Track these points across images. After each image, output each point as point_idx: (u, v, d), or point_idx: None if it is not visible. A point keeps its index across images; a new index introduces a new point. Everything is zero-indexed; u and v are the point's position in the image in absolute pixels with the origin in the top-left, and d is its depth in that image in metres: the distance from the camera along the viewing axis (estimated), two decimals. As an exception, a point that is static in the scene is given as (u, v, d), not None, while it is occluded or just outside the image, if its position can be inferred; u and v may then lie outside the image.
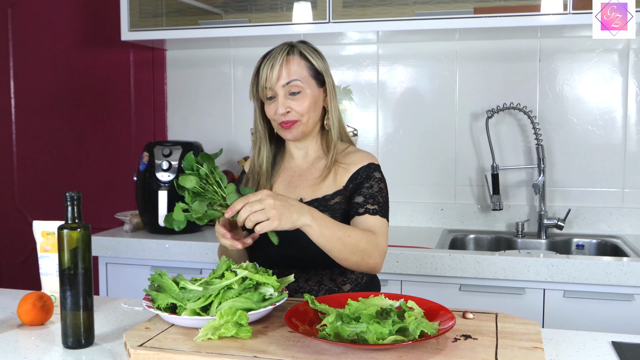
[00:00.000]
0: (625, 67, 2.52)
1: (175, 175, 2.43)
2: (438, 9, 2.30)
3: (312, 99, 1.57)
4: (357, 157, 1.61)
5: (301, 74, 1.56)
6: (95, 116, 3.10)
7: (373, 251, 1.47)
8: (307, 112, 1.57)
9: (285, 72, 1.55)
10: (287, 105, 1.55)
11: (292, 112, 1.55)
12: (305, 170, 1.64)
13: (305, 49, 1.60)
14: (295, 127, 1.57)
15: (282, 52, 1.57)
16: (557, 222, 2.50)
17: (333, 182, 1.59)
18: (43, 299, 1.40)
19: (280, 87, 1.55)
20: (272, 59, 1.56)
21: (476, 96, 2.66)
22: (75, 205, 1.27)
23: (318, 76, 1.60)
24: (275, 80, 1.55)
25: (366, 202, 1.54)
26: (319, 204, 1.56)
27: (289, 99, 1.55)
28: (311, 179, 1.62)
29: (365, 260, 1.46)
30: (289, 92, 1.55)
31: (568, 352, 1.22)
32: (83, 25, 3.08)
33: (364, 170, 1.59)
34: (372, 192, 1.55)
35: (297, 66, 1.57)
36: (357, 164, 1.60)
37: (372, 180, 1.57)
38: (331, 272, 1.57)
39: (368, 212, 1.52)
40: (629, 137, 2.54)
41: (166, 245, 2.35)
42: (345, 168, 1.60)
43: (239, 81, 2.93)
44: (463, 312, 1.36)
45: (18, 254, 3.24)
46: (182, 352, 1.14)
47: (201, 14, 2.56)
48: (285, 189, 1.63)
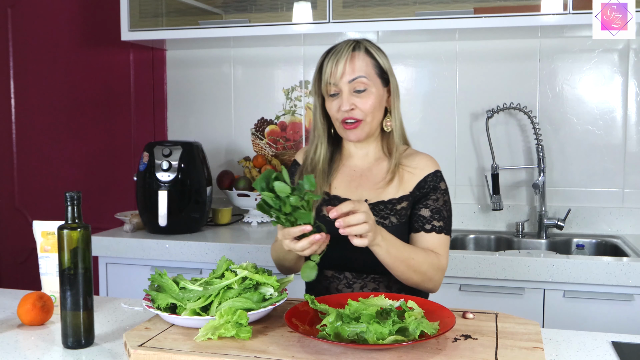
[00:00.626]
0: (625, 67, 2.52)
1: (175, 176, 2.43)
2: (438, 9, 2.30)
3: (377, 98, 1.53)
4: (422, 162, 1.57)
5: (367, 71, 1.52)
6: (95, 116, 3.10)
7: (434, 274, 1.47)
8: (371, 112, 1.52)
9: (350, 68, 1.50)
10: (352, 102, 1.50)
11: (356, 110, 1.51)
12: (366, 171, 1.60)
13: (371, 46, 1.55)
14: (360, 128, 1.53)
15: (348, 47, 1.52)
16: (557, 222, 2.50)
17: (399, 185, 1.55)
18: (43, 299, 1.40)
19: (345, 84, 1.50)
20: (338, 54, 1.51)
21: (476, 96, 2.66)
22: (75, 205, 1.27)
23: (383, 75, 1.55)
24: (340, 75, 1.50)
25: (433, 217, 1.51)
26: (385, 207, 1.53)
27: (354, 96, 1.51)
28: (374, 181, 1.58)
29: (426, 282, 1.47)
30: (354, 90, 1.51)
31: (568, 352, 1.22)
32: (83, 26, 3.08)
33: (432, 179, 1.55)
34: (438, 207, 1.53)
35: (363, 63, 1.52)
36: (424, 170, 1.56)
37: (438, 192, 1.54)
38: (388, 280, 1.54)
39: (435, 230, 1.51)
40: (629, 137, 2.54)
41: (166, 245, 2.35)
42: (411, 172, 1.55)
43: (239, 81, 2.93)
44: (463, 312, 1.36)
45: (18, 254, 3.24)
46: (182, 352, 1.14)
47: (201, 14, 2.56)
48: (345, 188, 1.59)
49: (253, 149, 2.93)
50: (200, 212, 2.52)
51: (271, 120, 2.90)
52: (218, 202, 2.88)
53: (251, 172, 2.75)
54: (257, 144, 2.93)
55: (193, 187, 2.47)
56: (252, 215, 2.73)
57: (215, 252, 2.30)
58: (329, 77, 1.52)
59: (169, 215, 2.43)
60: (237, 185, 2.67)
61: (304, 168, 1.63)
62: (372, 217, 1.31)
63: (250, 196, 2.64)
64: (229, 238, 2.41)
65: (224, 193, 2.77)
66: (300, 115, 2.86)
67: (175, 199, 2.44)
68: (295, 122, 2.87)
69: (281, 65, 2.87)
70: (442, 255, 1.50)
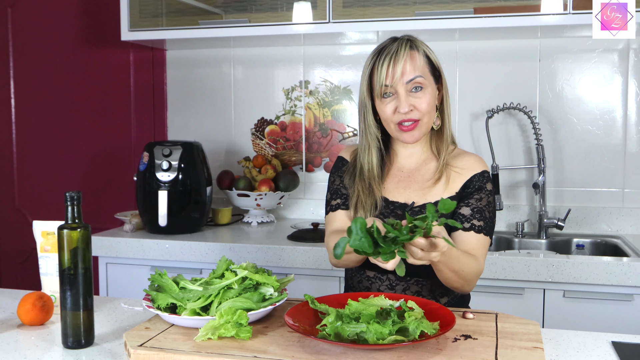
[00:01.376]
0: (625, 67, 2.52)
1: (175, 176, 2.43)
2: (438, 9, 2.30)
3: (432, 97, 1.50)
4: (469, 162, 1.54)
5: (423, 70, 1.48)
6: (95, 116, 3.10)
7: (473, 279, 1.45)
8: (428, 112, 1.49)
9: (410, 68, 1.47)
10: (411, 103, 1.47)
11: (414, 111, 1.47)
12: (414, 172, 1.57)
13: (422, 43, 1.52)
14: (417, 129, 1.49)
15: (404, 46, 1.48)
16: (557, 222, 2.49)
17: (445, 186, 1.52)
18: (43, 299, 1.40)
19: (403, 84, 1.47)
20: (394, 55, 1.47)
21: (476, 96, 2.65)
22: (75, 205, 1.27)
23: (435, 72, 1.52)
24: (399, 76, 1.46)
25: (473, 216, 1.48)
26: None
27: (411, 96, 1.47)
28: (421, 182, 1.55)
29: (464, 287, 1.45)
30: (411, 90, 1.47)
31: (568, 352, 1.22)
32: (83, 25, 3.08)
33: (478, 179, 1.52)
34: (480, 206, 1.49)
35: (419, 62, 1.48)
36: (471, 170, 1.53)
37: (482, 192, 1.51)
38: (431, 283, 1.52)
39: (474, 229, 1.47)
40: (629, 137, 2.54)
41: (166, 245, 2.35)
42: (458, 172, 1.53)
43: (239, 81, 2.93)
44: (463, 312, 1.36)
45: (18, 254, 3.24)
46: (182, 352, 1.14)
47: (201, 14, 2.56)
48: (394, 190, 1.56)
49: (253, 149, 2.93)
50: (200, 212, 2.52)
51: (271, 120, 2.90)
52: (218, 202, 2.88)
53: (251, 172, 2.75)
54: (257, 144, 2.93)
55: (193, 187, 2.48)
56: (252, 215, 2.73)
57: (215, 252, 2.30)
58: (384, 79, 1.47)
59: (169, 215, 2.43)
60: (237, 185, 2.67)
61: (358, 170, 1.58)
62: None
63: (250, 196, 2.64)
64: (229, 238, 2.41)
65: (224, 193, 2.77)
66: (300, 115, 2.86)
67: (175, 199, 2.44)
68: (295, 122, 2.87)
69: (281, 65, 2.87)
70: (480, 258, 1.46)
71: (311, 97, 2.85)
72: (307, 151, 2.87)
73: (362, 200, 1.55)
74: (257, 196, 2.64)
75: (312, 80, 2.84)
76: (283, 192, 2.70)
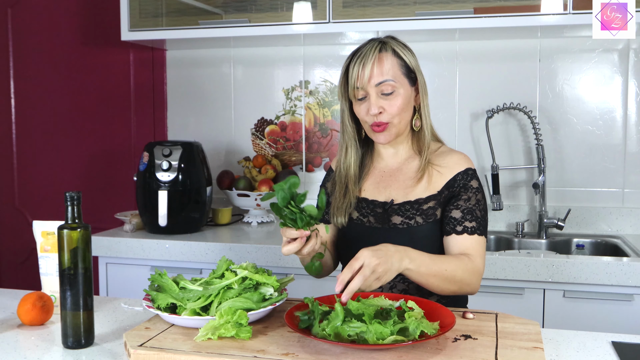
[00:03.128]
0: (625, 67, 2.52)
1: (175, 176, 2.43)
2: (438, 9, 2.30)
3: (404, 99, 1.49)
4: (452, 160, 1.54)
5: (394, 73, 1.48)
6: (95, 116, 3.10)
7: (470, 278, 1.43)
8: (399, 114, 1.49)
9: (377, 71, 1.47)
10: (380, 106, 1.47)
11: (384, 113, 1.48)
12: (396, 171, 1.58)
13: (397, 45, 1.51)
14: (387, 130, 1.50)
15: (374, 49, 1.48)
16: (557, 222, 2.50)
17: (427, 185, 1.52)
18: (43, 299, 1.40)
19: (372, 87, 1.47)
20: (364, 57, 1.48)
21: (476, 96, 2.65)
22: (75, 205, 1.27)
23: (410, 74, 1.52)
24: (367, 79, 1.47)
25: (464, 218, 1.48)
26: (411, 207, 1.51)
27: (382, 98, 1.48)
28: (402, 180, 1.56)
29: (463, 288, 1.44)
30: (381, 93, 1.48)
31: (568, 352, 1.22)
32: (83, 25, 3.08)
33: (461, 178, 1.52)
34: (469, 207, 1.49)
35: (390, 64, 1.48)
36: (453, 169, 1.52)
37: (469, 191, 1.50)
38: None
39: (467, 231, 1.47)
40: (629, 137, 2.54)
41: (166, 245, 2.35)
42: (440, 171, 1.52)
43: (239, 81, 2.93)
44: (463, 312, 1.36)
45: (18, 254, 3.24)
46: (182, 352, 1.14)
47: (201, 14, 2.56)
48: (374, 189, 1.58)
49: (253, 149, 2.93)
50: (200, 212, 2.52)
51: (271, 120, 2.90)
52: (218, 202, 2.88)
53: (251, 172, 2.75)
54: (257, 144, 2.93)
55: (193, 187, 2.48)
56: (252, 215, 2.73)
57: (215, 252, 2.30)
58: (355, 81, 1.48)
59: (169, 215, 2.43)
60: (237, 185, 2.67)
61: (337, 173, 1.61)
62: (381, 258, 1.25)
63: (250, 196, 2.64)
64: (229, 238, 2.41)
65: (224, 193, 2.77)
66: (300, 115, 2.86)
67: (175, 199, 2.44)
68: (295, 122, 2.87)
69: (281, 65, 2.87)
70: (476, 257, 1.45)
71: (311, 97, 2.85)
72: (307, 151, 2.87)
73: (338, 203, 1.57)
74: (257, 196, 2.64)
75: (312, 80, 2.84)
76: (283, 192, 2.69)
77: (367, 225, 1.55)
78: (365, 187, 1.59)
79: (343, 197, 1.58)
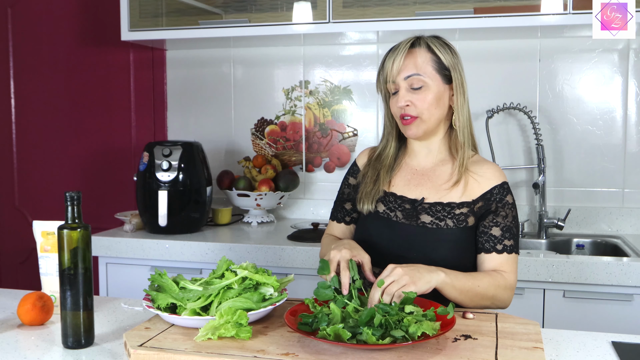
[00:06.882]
0: (625, 67, 2.52)
1: (175, 176, 2.43)
2: (438, 9, 2.30)
3: (435, 95, 1.49)
4: (489, 171, 1.52)
5: (424, 68, 1.48)
6: (95, 116, 3.10)
7: (503, 294, 1.45)
8: (427, 109, 1.49)
9: (406, 65, 1.49)
10: (408, 99, 1.48)
11: (411, 107, 1.49)
12: (429, 171, 1.57)
13: (433, 41, 1.51)
14: (415, 124, 1.50)
15: (406, 44, 1.50)
16: (557, 222, 2.49)
17: (462, 191, 1.51)
18: (43, 299, 1.40)
19: (402, 80, 1.49)
20: (396, 51, 1.50)
21: (476, 96, 2.65)
22: (75, 205, 1.27)
23: (444, 71, 1.50)
24: (396, 73, 1.49)
25: (503, 236, 1.48)
26: (443, 209, 1.50)
27: (411, 92, 1.49)
28: (436, 181, 1.54)
29: (495, 304, 1.46)
30: (411, 87, 1.49)
31: (568, 352, 1.22)
32: (83, 26, 3.08)
33: (498, 191, 1.50)
34: (507, 224, 1.49)
35: (421, 59, 1.49)
36: (490, 180, 1.51)
37: (506, 207, 1.50)
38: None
39: (506, 250, 1.48)
40: (629, 137, 2.54)
41: (166, 245, 2.35)
42: (477, 180, 1.51)
43: (239, 81, 2.93)
44: (463, 312, 1.36)
45: (18, 254, 3.24)
46: (182, 352, 1.14)
47: (201, 14, 2.56)
48: (404, 186, 1.56)
49: (253, 149, 2.93)
50: (200, 212, 2.52)
51: (271, 120, 2.90)
52: (218, 202, 2.88)
53: (251, 172, 2.75)
54: (257, 144, 2.93)
55: (193, 187, 2.48)
56: (252, 215, 2.73)
57: (215, 252, 2.30)
58: (387, 76, 1.51)
59: (169, 215, 2.43)
60: (237, 185, 2.67)
61: (376, 159, 1.62)
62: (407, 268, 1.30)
63: (250, 196, 2.64)
64: (229, 238, 2.41)
65: (224, 193, 2.77)
66: (300, 115, 2.86)
67: (175, 199, 2.44)
68: (295, 122, 2.87)
69: (281, 65, 2.87)
70: (509, 273, 1.47)
71: (311, 97, 2.85)
72: (307, 151, 2.87)
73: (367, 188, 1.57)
74: (257, 196, 2.64)
75: (312, 80, 2.84)
76: (283, 192, 2.70)
77: (393, 219, 1.53)
78: (394, 182, 1.58)
79: (373, 183, 1.57)
